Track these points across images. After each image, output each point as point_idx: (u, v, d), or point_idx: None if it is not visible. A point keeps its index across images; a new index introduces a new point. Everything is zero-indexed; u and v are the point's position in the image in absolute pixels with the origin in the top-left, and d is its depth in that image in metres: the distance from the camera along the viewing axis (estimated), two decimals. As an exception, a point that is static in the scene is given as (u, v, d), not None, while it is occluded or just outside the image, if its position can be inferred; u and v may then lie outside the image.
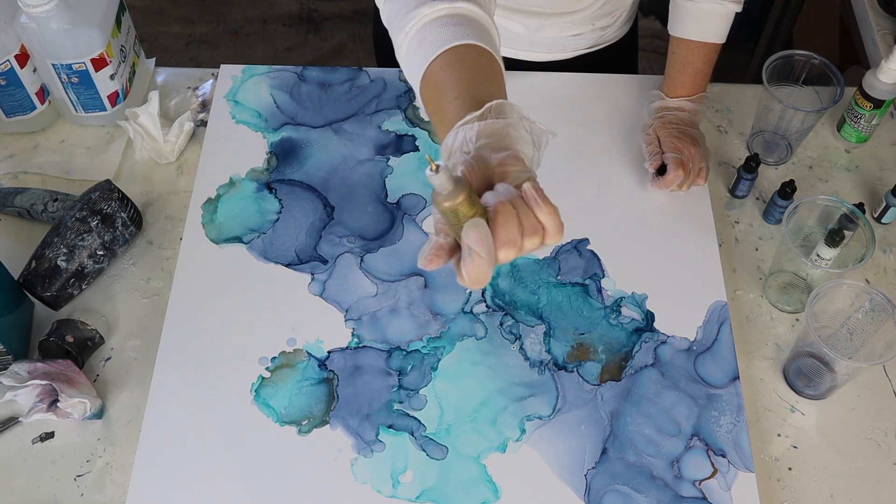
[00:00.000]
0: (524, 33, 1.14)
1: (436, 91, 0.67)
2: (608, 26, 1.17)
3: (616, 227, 1.04)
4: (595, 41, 1.19)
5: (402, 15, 0.71)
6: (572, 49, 1.18)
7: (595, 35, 1.17)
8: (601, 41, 1.20)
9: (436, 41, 0.68)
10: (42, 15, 0.99)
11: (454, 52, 0.67)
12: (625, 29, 1.22)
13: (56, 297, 0.96)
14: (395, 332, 0.96)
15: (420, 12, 0.70)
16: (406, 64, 0.71)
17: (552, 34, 1.14)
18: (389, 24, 0.74)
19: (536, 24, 1.13)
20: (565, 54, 1.19)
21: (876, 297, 0.88)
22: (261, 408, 0.91)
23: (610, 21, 1.16)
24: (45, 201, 1.03)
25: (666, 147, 1.04)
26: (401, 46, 0.72)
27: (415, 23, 0.70)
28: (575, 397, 0.92)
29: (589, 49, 1.20)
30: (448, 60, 0.67)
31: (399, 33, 0.71)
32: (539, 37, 1.15)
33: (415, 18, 0.70)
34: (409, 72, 0.71)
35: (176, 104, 1.18)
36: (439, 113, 0.66)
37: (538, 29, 1.13)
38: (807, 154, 1.14)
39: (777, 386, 0.95)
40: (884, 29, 1.30)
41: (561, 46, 1.17)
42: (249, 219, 1.05)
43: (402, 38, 0.71)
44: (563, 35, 1.15)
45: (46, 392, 0.87)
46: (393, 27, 0.73)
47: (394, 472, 0.87)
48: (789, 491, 0.88)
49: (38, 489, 0.87)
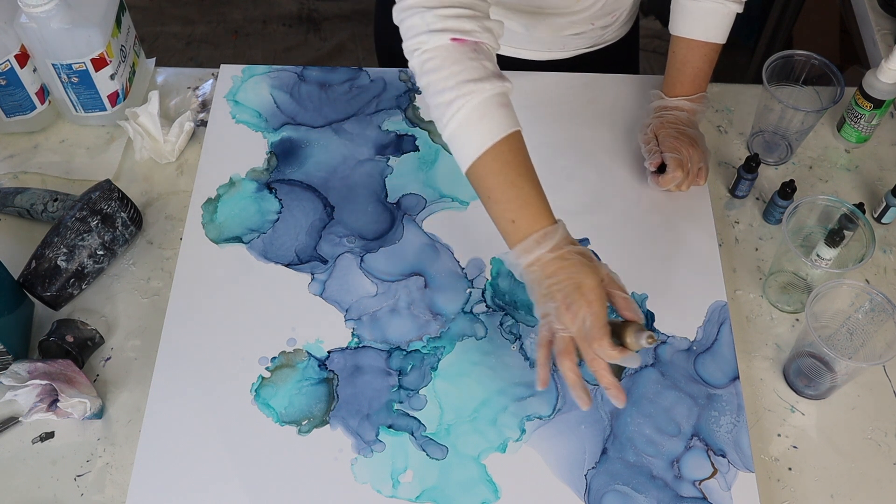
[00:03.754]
0: (523, 32, 1.14)
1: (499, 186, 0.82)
2: (608, 26, 1.17)
3: (616, 227, 1.04)
4: (595, 41, 1.19)
5: (460, 83, 0.81)
6: (572, 48, 1.18)
7: (595, 34, 1.17)
8: (601, 41, 1.20)
9: (497, 122, 0.82)
10: (42, 15, 0.99)
11: (512, 141, 0.82)
12: (625, 29, 1.22)
13: (56, 297, 0.96)
14: (395, 332, 0.96)
15: (482, 88, 0.81)
16: (464, 125, 0.82)
17: (551, 33, 1.14)
18: (436, 87, 0.83)
19: (535, 23, 1.12)
20: (565, 53, 1.19)
21: (876, 297, 0.88)
22: (261, 408, 0.91)
23: (610, 21, 1.16)
24: (45, 201, 1.03)
25: (664, 147, 1.04)
26: (457, 109, 0.81)
27: (476, 95, 0.81)
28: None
29: (589, 48, 1.20)
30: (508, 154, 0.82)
31: (460, 100, 0.81)
32: (538, 35, 1.15)
33: (475, 92, 0.81)
34: (470, 135, 0.82)
35: (176, 104, 1.18)
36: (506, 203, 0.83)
37: (537, 28, 1.13)
38: (807, 154, 1.14)
39: (777, 386, 0.95)
40: (884, 29, 1.30)
41: (560, 45, 1.17)
42: (249, 219, 1.05)
43: (461, 103, 0.81)
44: (562, 34, 1.15)
45: (46, 392, 0.87)
46: (445, 94, 0.82)
47: (394, 472, 0.87)
48: (789, 491, 0.88)
49: (38, 489, 0.87)
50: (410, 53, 0.85)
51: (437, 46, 0.83)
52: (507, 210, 0.82)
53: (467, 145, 0.83)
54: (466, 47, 0.83)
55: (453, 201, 1.06)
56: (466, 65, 0.82)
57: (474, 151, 0.82)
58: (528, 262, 0.82)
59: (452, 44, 0.83)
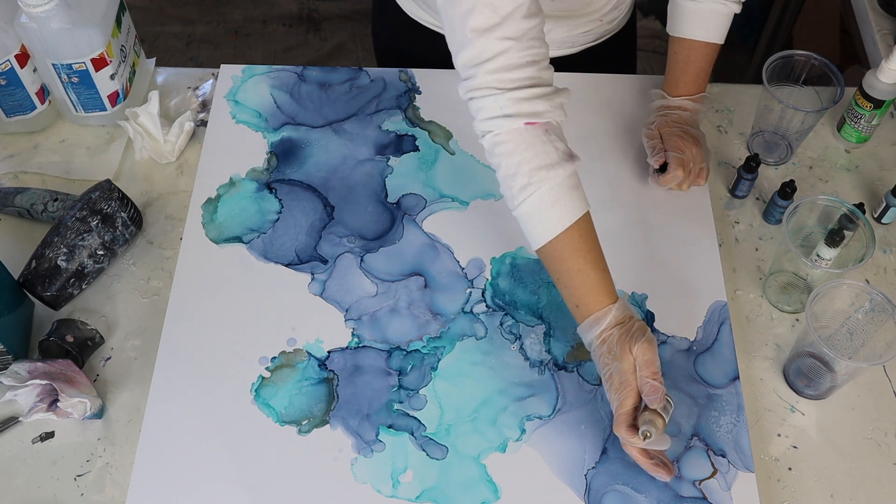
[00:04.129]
0: None
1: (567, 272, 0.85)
2: (615, 19, 1.18)
3: (616, 227, 1.04)
4: (601, 34, 1.20)
5: (532, 170, 0.82)
6: (580, 44, 1.19)
7: (602, 28, 1.18)
8: (606, 33, 1.21)
9: (568, 207, 0.83)
10: (42, 15, 0.99)
11: (582, 225, 0.84)
12: (626, 19, 1.24)
13: (56, 296, 0.96)
14: (395, 332, 0.96)
15: (555, 174, 0.82)
16: (535, 210, 0.83)
17: (563, 34, 1.15)
18: (508, 171, 0.83)
19: (548, 27, 1.13)
20: (573, 49, 1.19)
21: (876, 297, 0.88)
22: (261, 408, 0.91)
23: (616, 14, 1.18)
24: (45, 201, 1.03)
25: (668, 145, 1.04)
26: (529, 195, 0.82)
27: (548, 182, 0.82)
28: (575, 397, 0.92)
29: (594, 42, 1.20)
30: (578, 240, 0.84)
31: (532, 186, 0.82)
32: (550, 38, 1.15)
33: (548, 179, 0.82)
34: (541, 221, 0.84)
35: (176, 104, 1.18)
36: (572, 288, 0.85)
37: (552, 31, 1.13)
38: (807, 154, 1.14)
39: (777, 386, 0.95)
40: (884, 29, 1.30)
41: (570, 43, 1.18)
42: (249, 219, 1.05)
43: (532, 189, 0.82)
44: (573, 34, 1.16)
45: (46, 392, 0.87)
46: (518, 179, 0.83)
47: (394, 472, 0.87)
48: (789, 491, 0.88)
49: (38, 489, 0.87)
50: (482, 134, 0.84)
51: (510, 130, 0.82)
52: (573, 295, 0.86)
53: (538, 229, 0.84)
54: (539, 129, 0.82)
55: (453, 201, 1.06)
56: (539, 149, 0.82)
57: (545, 236, 0.84)
58: (588, 342, 0.86)
59: (525, 128, 0.82)
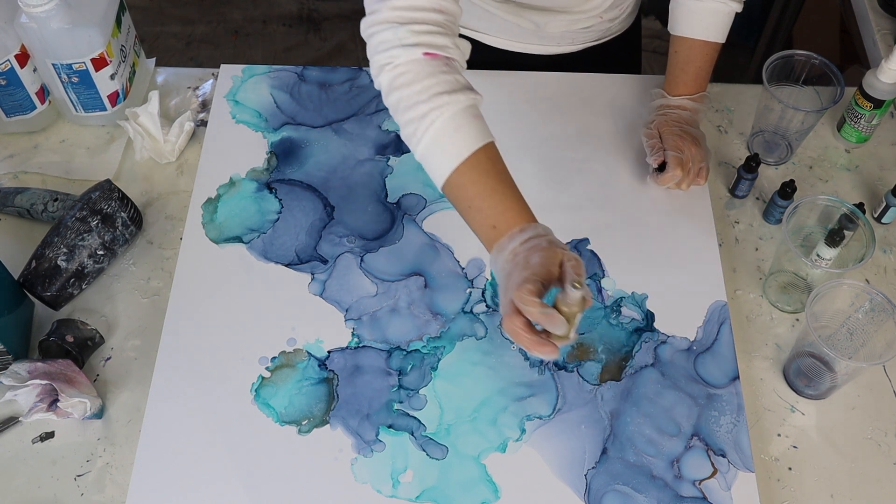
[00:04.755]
0: (533, 29, 1.14)
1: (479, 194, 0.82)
2: (616, 18, 1.18)
3: (616, 227, 1.04)
4: (602, 33, 1.19)
5: (434, 96, 0.81)
6: (581, 42, 1.19)
7: (603, 27, 1.18)
8: (609, 33, 1.21)
9: (473, 132, 0.82)
10: (42, 15, 0.99)
11: (489, 151, 0.82)
12: (630, 21, 1.23)
13: (56, 296, 0.96)
14: (395, 332, 0.96)
15: (457, 99, 0.81)
16: (439, 136, 0.81)
17: (561, 29, 1.15)
18: (408, 102, 0.82)
19: (545, 20, 1.13)
20: (574, 47, 1.19)
21: (876, 297, 0.88)
22: (261, 408, 0.91)
23: (618, 13, 1.17)
24: (45, 201, 1.03)
25: (667, 145, 1.04)
26: (431, 121, 0.81)
27: (450, 107, 0.81)
28: (575, 397, 0.92)
29: (596, 41, 1.20)
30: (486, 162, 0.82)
31: (434, 112, 0.81)
32: (548, 31, 1.15)
33: (450, 104, 0.81)
34: (446, 147, 0.81)
35: (176, 104, 1.18)
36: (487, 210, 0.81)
37: (548, 25, 1.13)
38: (807, 154, 1.14)
39: (777, 386, 0.95)
40: (884, 29, 1.30)
41: (570, 40, 1.18)
42: (249, 219, 1.05)
43: (435, 115, 0.81)
44: (572, 29, 1.15)
45: (46, 392, 0.87)
46: (419, 108, 0.81)
47: (394, 472, 0.87)
48: (789, 491, 0.88)
49: (38, 489, 0.87)
50: (380, 69, 0.83)
51: (410, 61, 0.82)
52: (489, 216, 0.81)
53: (444, 157, 0.82)
54: (439, 62, 0.83)
55: (453, 201, 1.06)
56: (440, 78, 0.82)
57: (452, 162, 0.81)
58: (503, 259, 0.78)
59: (425, 58, 0.82)
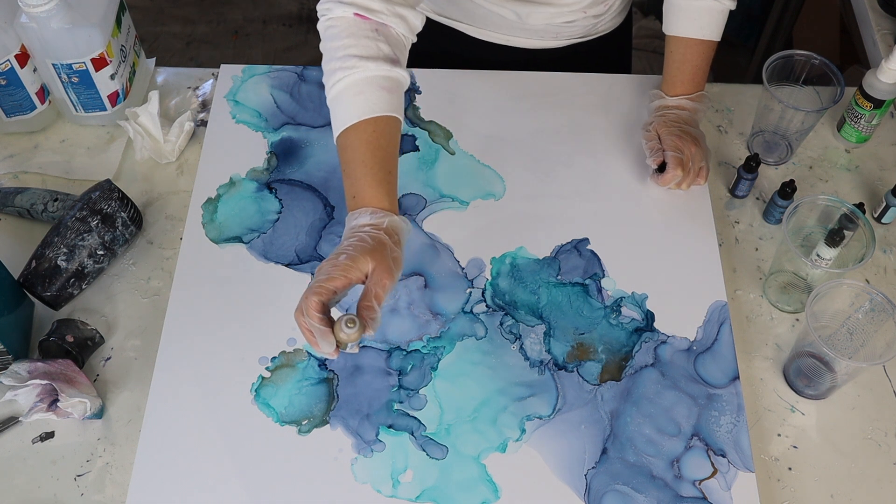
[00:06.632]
0: (515, 19, 1.14)
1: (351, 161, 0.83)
2: (601, 15, 1.17)
3: (616, 227, 1.04)
4: (588, 30, 1.19)
5: (346, 57, 0.84)
6: (565, 37, 1.18)
7: (588, 23, 1.17)
8: (594, 31, 1.20)
9: (371, 101, 0.83)
10: (42, 15, 0.99)
11: (381, 124, 0.84)
12: (618, 20, 1.22)
13: (56, 296, 0.96)
14: (395, 332, 0.96)
15: (366, 66, 0.83)
16: (340, 97, 0.84)
17: (544, 21, 1.14)
18: (328, 55, 0.87)
19: (527, 11, 1.12)
20: (557, 42, 1.19)
21: (876, 297, 0.88)
22: (261, 408, 0.91)
23: (602, 10, 1.16)
24: (45, 201, 1.03)
25: (667, 145, 1.04)
26: (337, 80, 0.84)
27: (358, 72, 0.83)
28: (575, 397, 0.92)
29: (582, 38, 1.20)
30: (371, 134, 0.83)
31: (342, 71, 0.84)
32: (530, 23, 1.14)
33: (358, 68, 0.83)
34: (342, 108, 0.84)
35: (176, 104, 1.18)
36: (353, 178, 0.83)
37: (529, 16, 1.13)
38: (807, 154, 1.14)
39: (777, 386, 0.95)
40: (884, 29, 1.30)
41: (553, 34, 1.17)
42: (249, 219, 1.05)
43: (341, 74, 0.84)
44: (555, 23, 1.15)
45: (46, 392, 0.87)
46: (332, 63, 0.85)
47: (394, 472, 0.87)
48: (789, 491, 0.88)
49: (38, 489, 0.87)
50: (320, 16, 0.88)
51: (340, 17, 0.86)
52: (352, 185, 0.83)
53: (339, 115, 0.85)
54: (367, 25, 0.86)
55: (453, 201, 1.06)
56: (360, 41, 0.85)
57: (341, 124, 0.84)
58: (345, 230, 0.82)
59: (354, 18, 0.86)
